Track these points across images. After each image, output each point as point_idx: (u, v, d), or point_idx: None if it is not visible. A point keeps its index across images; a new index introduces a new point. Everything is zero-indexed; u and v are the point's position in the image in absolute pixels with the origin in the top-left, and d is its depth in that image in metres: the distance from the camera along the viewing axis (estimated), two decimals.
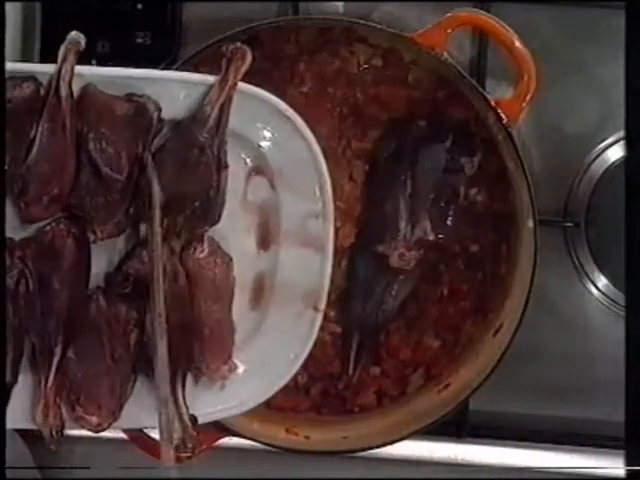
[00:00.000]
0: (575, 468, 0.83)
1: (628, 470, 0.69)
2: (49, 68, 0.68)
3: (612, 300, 0.83)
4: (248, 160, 0.74)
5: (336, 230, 0.77)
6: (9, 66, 0.67)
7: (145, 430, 0.78)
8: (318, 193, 0.74)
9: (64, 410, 0.71)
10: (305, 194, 0.74)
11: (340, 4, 0.82)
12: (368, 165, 0.80)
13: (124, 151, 0.69)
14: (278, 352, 0.75)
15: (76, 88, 0.68)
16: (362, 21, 0.78)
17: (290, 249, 0.75)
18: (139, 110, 0.69)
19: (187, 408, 0.72)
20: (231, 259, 0.73)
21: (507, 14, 0.77)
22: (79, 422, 0.72)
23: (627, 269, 0.70)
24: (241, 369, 0.75)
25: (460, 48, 0.81)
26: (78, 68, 0.68)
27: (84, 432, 0.81)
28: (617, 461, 0.82)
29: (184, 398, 0.72)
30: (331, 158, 0.77)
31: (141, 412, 0.73)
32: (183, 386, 0.72)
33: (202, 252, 0.72)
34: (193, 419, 0.72)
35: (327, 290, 0.74)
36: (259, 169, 0.74)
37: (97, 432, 0.72)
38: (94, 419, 0.72)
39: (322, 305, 0.74)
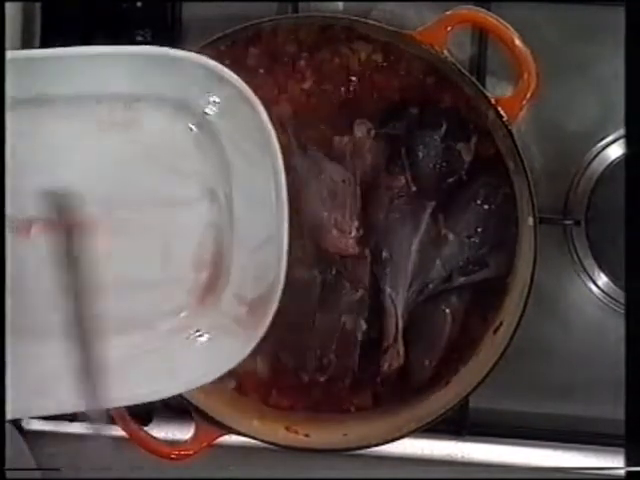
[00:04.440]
0: (575, 468, 0.83)
1: (628, 470, 0.69)
2: (47, 53, 0.68)
3: (612, 298, 0.83)
4: (194, 128, 0.74)
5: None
6: (9, 55, 0.67)
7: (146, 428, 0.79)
8: (268, 159, 0.72)
9: None
10: (255, 159, 0.73)
11: (340, 3, 0.82)
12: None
13: None
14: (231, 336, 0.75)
15: None
16: (362, 19, 0.78)
17: (245, 210, 0.75)
18: None
19: None
20: None
21: (507, 12, 0.77)
22: None
23: (627, 267, 0.70)
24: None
25: (460, 46, 0.81)
26: None
27: (84, 432, 0.81)
28: (618, 459, 0.82)
29: None
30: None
31: None
32: None
33: None
34: None
35: (283, 278, 0.73)
36: (210, 142, 0.74)
37: None
38: None
39: (277, 295, 0.73)
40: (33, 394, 0.72)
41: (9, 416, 0.70)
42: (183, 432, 0.82)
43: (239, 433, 0.79)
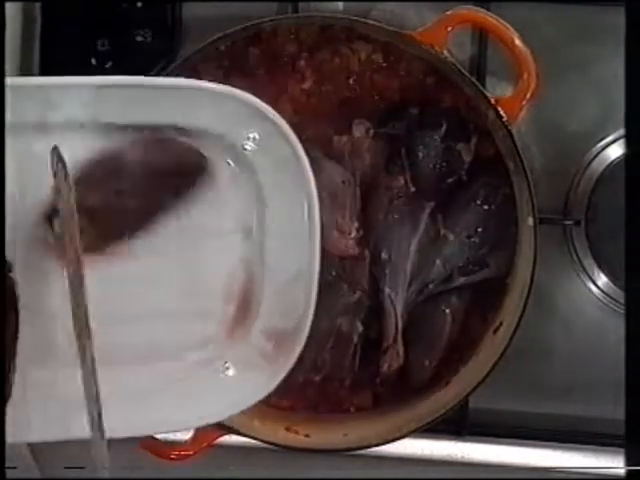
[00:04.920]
0: (575, 468, 0.83)
1: (628, 470, 0.69)
2: (79, 81, 0.69)
3: (612, 298, 0.83)
4: (232, 163, 0.75)
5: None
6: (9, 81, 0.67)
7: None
8: (303, 194, 0.73)
9: None
10: (289, 194, 0.74)
11: (340, 3, 0.82)
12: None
13: None
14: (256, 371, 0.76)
15: None
16: (362, 19, 0.78)
17: (276, 244, 0.75)
18: None
19: None
20: None
21: (507, 12, 0.77)
22: None
23: (627, 267, 0.70)
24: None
25: (460, 46, 0.81)
26: None
27: None
28: (617, 459, 0.82)
29: None
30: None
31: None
32: None
33: None
34: None
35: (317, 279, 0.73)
36: (246, 175, 0.75)
37: None
38: None
39: (304, 336, 0.74)
40: (54, 419, 0.72)
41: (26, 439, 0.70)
42: (183, 432, 0.82)
43: (239, 433, 0.79)
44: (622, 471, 0.71)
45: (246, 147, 0.74)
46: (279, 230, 0.75)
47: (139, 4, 0.81)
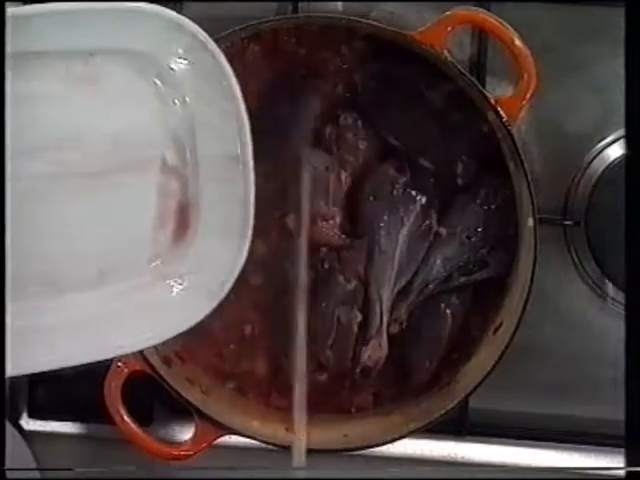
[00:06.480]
0: (575, 468, 0.84)
1: (628, 470, 0.69)
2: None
3: (612, 298, 0.83)
4: (159, 83, 0.74)
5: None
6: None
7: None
8: (231, 105, 0.72)
9: None
10: (218, 107, 0.73)
11: (339, 3, 0.82)
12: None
13: None
14: (207, 279, 0.75)
15: None
16: (362, 19, 0.78)
17: (210, 182, 0.75)
18: None
19: None
20: None
21: (507, 12, 0.77)
22: None
23: (627, 268, 0.70)
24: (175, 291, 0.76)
25: (460, 46, 0.81)
26: None
27: (83, 432, 0.82)
28: (617, 459, 0.82)
29: None
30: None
31: None
32: None
33: None
34: None
35: (252, 217, 0.73)
36: (172, 92, 0.74)
37: None
38: None
39: (249, 233, 0.73)
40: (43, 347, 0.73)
41: (14, 372, 0.69)
42: (183, 432, 0.83)
43: (239, 433, 0.79)
44: (622, 472, 0.71)
45: (172, 65, 0.73)
46: (210, 143, 0.74)
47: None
